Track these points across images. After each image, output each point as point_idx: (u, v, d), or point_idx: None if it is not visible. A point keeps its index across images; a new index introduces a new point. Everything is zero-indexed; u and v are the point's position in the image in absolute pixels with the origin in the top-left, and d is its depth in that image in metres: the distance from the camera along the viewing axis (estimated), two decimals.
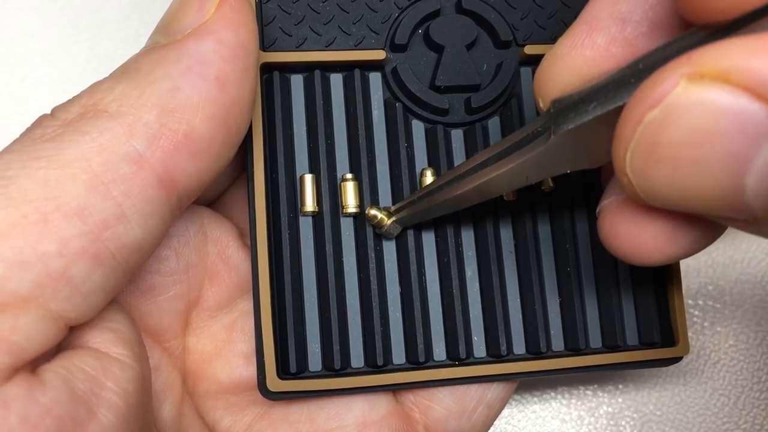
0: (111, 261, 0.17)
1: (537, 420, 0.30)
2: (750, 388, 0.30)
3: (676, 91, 0.14)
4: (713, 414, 0.30)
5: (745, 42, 0.13)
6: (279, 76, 0.23)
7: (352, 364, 0.22)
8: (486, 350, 0.23)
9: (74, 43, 0.30)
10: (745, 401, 0.30)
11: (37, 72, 0.30)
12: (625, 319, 0.23)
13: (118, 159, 0.17)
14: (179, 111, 0.18)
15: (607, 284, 0.23)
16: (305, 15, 0.23)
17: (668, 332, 0.23)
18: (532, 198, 0.23)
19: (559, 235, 0.23)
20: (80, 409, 0.16)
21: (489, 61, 0.24)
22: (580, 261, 0.23)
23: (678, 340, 0.23)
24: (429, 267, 0.23)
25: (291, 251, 0.22)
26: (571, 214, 0.24)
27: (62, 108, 0.18)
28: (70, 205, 0.16)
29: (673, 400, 0.30)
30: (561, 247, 0.23)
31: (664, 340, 0.23)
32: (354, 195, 0.22)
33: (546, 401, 0.30)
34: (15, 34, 0.30)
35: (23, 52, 0.30)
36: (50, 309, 0.16)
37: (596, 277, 0.23)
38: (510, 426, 0.29)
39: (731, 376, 0.30)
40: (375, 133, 0.23)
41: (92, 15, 0.30)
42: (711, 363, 0.30)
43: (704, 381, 0.30)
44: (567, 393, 0.30)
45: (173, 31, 0.19)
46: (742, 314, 0.31)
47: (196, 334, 0.23)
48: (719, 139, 0.14)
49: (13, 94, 0.30)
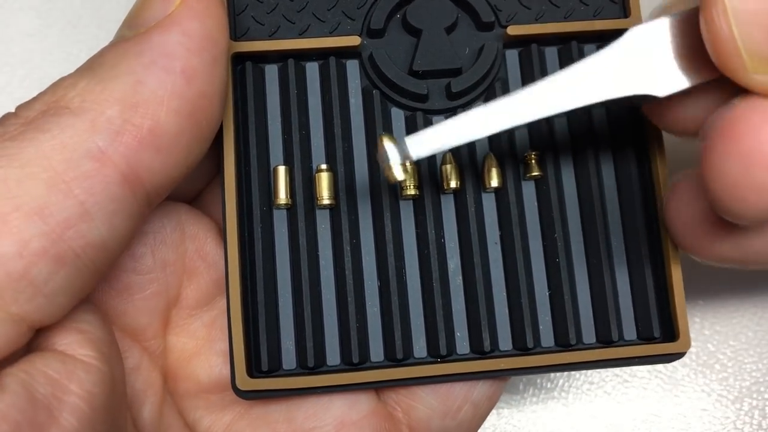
0: (75, 261, 0.17)
1: (537, 420, 0.29)
2: (749, 389, 0.30)
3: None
4: (711, 414, 0.29)
5: None
6: (252, 66, 0.22)
7: (328, 362, 0.21)
8: (469, 346, 0.22)
9: (74, 43, 0.30)
10: (745, 401, 0.29)
11: (37, 72, 0.30)
12: (622, 312, 0.22)
13: (79, 156, 0.17)
14: (143, 105, 0.17)
15: (600, 276, 0.22)
16: (278, 3, 0.22)
17: (668, 326, 0.22)
18: (517, 185, 0.22)
19: (548, 224, 0.22)
20: (40, 414, 0.16)
21: (471, 44, 0.23)
22: (571, 251, 0.22)
23: (679, 335, 0.22)
24: (409, 259, 0.22)
25: (264, 245, 0.21)
26: (560, 201, 0.22)
27: (25, 106, 0.18)
28: (30, 204, 0.16)
29: (672, 400, 0.29)
30: (549, 237, 0.22)
31: (664, 334, 0.22)
32: (328, 186, 0.22)
33: (545, 402, 0.29)
34: (15, 34, 0.30)
35: (23, 52, 0.30)
36: (11, 311, 0.16)
37: (589, 269, 0.22)
38: (510, 426, 0.29)
39: (731, 376, 0.30)
40: (352, 122, 0.22)
41: (92, 15, 0.30)
42: (711, 363, 0.30)
43: (704, 381, 0.30)
44: (567, 393, 0.30)
45: (138, 24, 0.19)
46: (742, 314, 0.30)
47: (177, 333, 0.23)
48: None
49: (13, 94, 0.30)
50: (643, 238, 0.22)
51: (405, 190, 0.22)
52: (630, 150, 0.23)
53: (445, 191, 0.22)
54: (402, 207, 0.22)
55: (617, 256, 0.22)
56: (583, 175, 0.23)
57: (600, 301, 0.22)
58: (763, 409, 0.29)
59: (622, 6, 0.23)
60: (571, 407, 0.29)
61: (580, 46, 0.23)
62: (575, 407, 0.29)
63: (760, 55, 0.16)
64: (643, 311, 0.22)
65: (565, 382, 0.29)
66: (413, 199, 0.22)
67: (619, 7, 0.23)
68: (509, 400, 0.29)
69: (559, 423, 0.29)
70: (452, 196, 0.22)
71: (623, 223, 0.22)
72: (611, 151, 0.23)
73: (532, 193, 0.23)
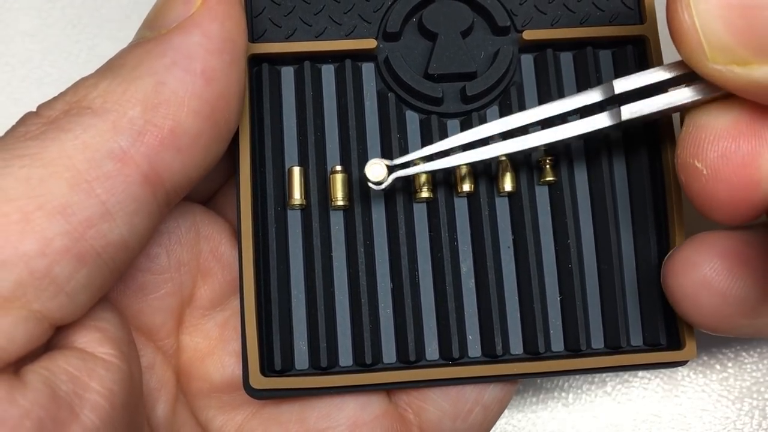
0: (96, 259, 0.17)
1: (537, 420, 0.29)
2: (749, 389, 0.29)
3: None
4: (711, 414, 0.29)
5: None
6: (268, 68, 0.22)
7: (340, 363, 0.21)
8: (481, 350, 0.22)
9: (74, 43, 0.30)
10: (745, 402, 0.29)
11: (37, 72, 0.30)
12: (629, 319, 0.22)
13: (101, 156, 0.17)
14: (164, 106, 0.18)
15: (610, 283, 0.22)
16: (295, 5, 0.23)
17: (674, 334, 0.22)
18: (531, 190, 0.22)
19: (561, 229, 0.22)
20: (62, 411, 0.16)
21: (486, 48, 0.23)
22: (583, 257, 0.22)
23: (685, 343, 0.22)
24: (422, 262, 0.22)
25: (278, 245, 0.22)
26: (573, 207, 0.22)
27: (47, 105, 0.18)
28: (53, 203, 0.16)
29: (673, 401, 0.29)
30: (562, 243, 0.22)
31: (670, 342, 0.22)
32: (343, 188, 0.22)
33: (545, 402, 0.29)
34: (15, 34, 0.30)
35: (23, 52, 0.30)
36: (33, 309, 0.16)
37: (599, 275, 0.22)
38: (510, 426, 0.29)
39: (731, 376, 0.29)
40: (367, 124, 0.23)
41: (92, 15, 0.31)
42: (711, 363, 0.30)
43: (704, 381, 0.29)
44: (567, 393, 0.29)
45: (159, 25, 0.19)
46: None
47: (190, 333, 0.23)
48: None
49: (13, 94, 0.30)
50: (653, 246, 0.22)
51: (419, 192, 0.22)
52: (644, 158, 0.23)
53: (459, 194, 0.22)
54: (416, 209, 0.22)
55: (627, 263, 0.22)
56: (597, 181, 0.23)
57: (609, 307, 0.22)
58: (764, 409, 0.29)
59: (638, 12, 0.23)
60: (571, 407, 0.29)
61: (596, 51, 0.23)
62: (575, 407, 0.29)
63: (719, 45, 0.17)
64: (650, 319, 0.22)
65: (565, 382, 0.29)
66: (427, 202, 0.22)
67: (635, 12, 0.23)
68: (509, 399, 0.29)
69: (559, 423, 0.29)
70: (466, 200, 0.23)
71: (634, 231, 0.22)
72: (624, 158, 0.23)
73: (546, 198, 0.23)
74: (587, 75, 0.23)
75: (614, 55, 0.23)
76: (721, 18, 0.17)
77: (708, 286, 0.20)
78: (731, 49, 0.17)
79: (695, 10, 0.17)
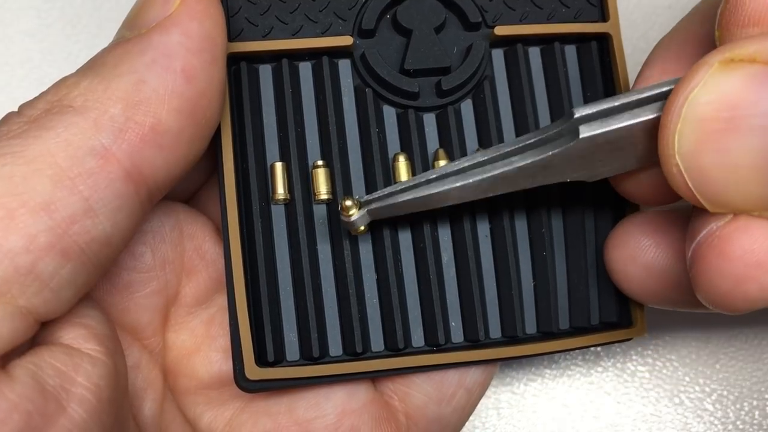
0: (80, 255, 0.17)
1: (537, 420, 0.29)
2: (749, 389, 0.30)
3: (712, 70, 0.16)
4: (711, 414, 0.30)
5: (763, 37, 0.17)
6: (246, 66, 0.23)
7: (330, 353, 0.22)
8: (463, 335, 0.23)
9: (74, 43, 0.30)
10: (745, 402, 0.30)
11: (37, 72, 0.30)
12: (591, 301, 0.23)
13: (83, 153, 0.17)
14: (145, 104, 0.18)
15: (577, 268, 0.23)
16: (271, 4, 0.23)
17: (626, 313, 0.23)
18: None
19: (535, 218, 0.23)
20: (50, 405, 0.16)
21: (459, 43, 0.23)
22: (554, 245, 0.23)
23: (636, 321, 0.23)
24: (405, 253, 0.23)
25: (264, 240, 0.22)
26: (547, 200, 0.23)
27: (28, 105, 0.18)
28: (36, 200, 0.16)
29: (672, 400, 0.30)
30: (537, 232, 0.23)
31: (622, 320, 0.23)
32: (325, 182, 0.22)
33: (546, 402, 0.30)
34: (15, 34, 0.30)
35: (23, 52, 0.30)
36: (19, 305, 0.16)
37: (567, 261, 0.23)
38: (510, 426, 0.29)
39: (731, 376, 0.30)
40: (346, 119, 0.23)
41: (92, 15, 0.30)
42: (711, 363, 0.30)
43: (704, 381, 0.30)
44: (567, 393, 0.30)
45: (139, 25, 0.19)
46: (742, 315, 0.31)
47: (176, 330, 0.23)
48: (756, 107, 0.16)
49: (13, 94, 0.29)
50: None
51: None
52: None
53: None
54: None
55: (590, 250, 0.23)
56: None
57: (575, 291, 0.23)
58: (764, 410, 0.29)
59: (600, 9, 0.24)
60: (571, 407, 0.29)
61: (562, 46, 0.24)
62: (575, 407, 0.29)
63: (717, 201, 0.17)
64: (606, 299, 0.23)
65: (566, 382, 0.30)
66: None
67: (597, 10, 0.24)
68: (509, 400, 0.29)
69: (559, 423, 0.29)
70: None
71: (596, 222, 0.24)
72: None
73: (522, 192, 0.23)
74: (555, 69, 0.24)
75: (579, 50, 0.24)
76: (714, 179, 0.17)
77: (633, 259, 0.21)
78: None
79: (686, 174, 0.17)
